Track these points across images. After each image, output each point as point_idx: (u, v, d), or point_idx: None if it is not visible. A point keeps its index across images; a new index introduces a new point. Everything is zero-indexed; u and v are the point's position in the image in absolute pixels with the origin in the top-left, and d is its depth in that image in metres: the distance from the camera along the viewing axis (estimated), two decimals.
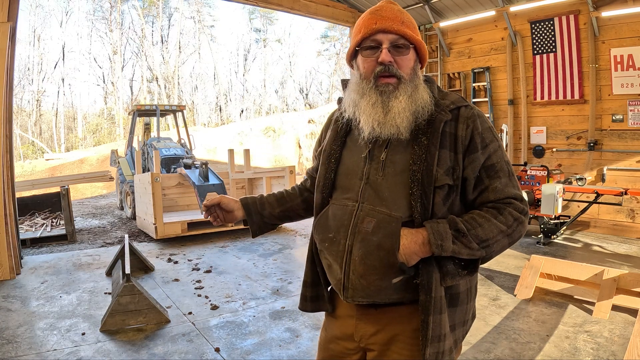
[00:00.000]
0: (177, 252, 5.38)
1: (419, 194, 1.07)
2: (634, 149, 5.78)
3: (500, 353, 2.70)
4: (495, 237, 1.07)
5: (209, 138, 17.55)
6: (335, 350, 1.28)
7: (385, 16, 1.12)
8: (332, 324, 1.30)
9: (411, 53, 1.14)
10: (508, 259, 4.87)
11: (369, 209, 1.11)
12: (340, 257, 1.14)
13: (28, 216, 7.52)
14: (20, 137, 21.85)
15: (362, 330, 1.20)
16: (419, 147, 1.09)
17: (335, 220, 1.17)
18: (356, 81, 1.17)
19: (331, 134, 1.28)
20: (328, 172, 1.23)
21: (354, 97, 1.17)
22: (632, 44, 5.67)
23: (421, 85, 1.15)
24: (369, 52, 1.13)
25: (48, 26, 25.63)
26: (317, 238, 1.24)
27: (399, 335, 1.16)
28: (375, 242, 1.08)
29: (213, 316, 3.38)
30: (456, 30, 7.70)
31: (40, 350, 2.76)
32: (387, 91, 1.11)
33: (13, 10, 4.33)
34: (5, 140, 4.39)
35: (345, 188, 1.19)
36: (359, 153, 1.19)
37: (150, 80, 28.88)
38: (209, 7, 30.25)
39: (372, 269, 1.09)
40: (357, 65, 1.18)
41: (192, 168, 6.98)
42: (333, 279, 1.19)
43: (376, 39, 1.12)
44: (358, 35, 1.15)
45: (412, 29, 1.15)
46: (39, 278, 4.27)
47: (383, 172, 1.13)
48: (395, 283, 1.10)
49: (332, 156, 1.23)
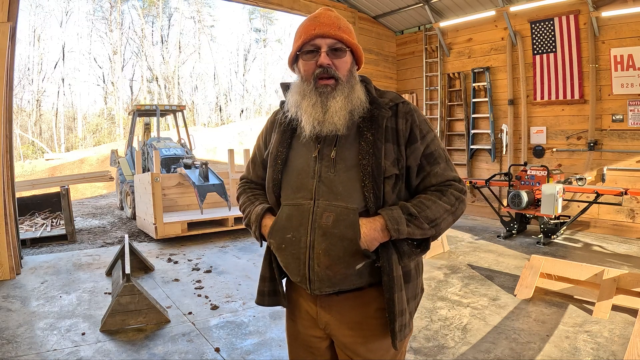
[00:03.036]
0: (177, 252, 5.38)
1: (371, 185, 1.17)
2: (634, 149, 5.78)
3: (500, 353, 2.71)
4: (442, 215, 1.20)
5: (209, 138, 17.55)
6: (305, 339, 1.36)
7: (323, 22, 1.21)
8: (297, 315, 1.37)
9: (348, 56, 1.24)
10: (508, 259, 4.87)
11: (325, 205, 1.19)
12: (302, 254, 1.20)
13: (28, 216, 7.52)
14: (20, 137, 21.85)
15: (325, 318, 1.28)
16: (366, 143, 1.19)
17: (292, 221, 1.22)
18: (298, 83, 1.27)
19: (277, 137, 1.33)
20: (275, 172, 1.29)
21: (296, 98, 1.25)
22: (632, 44, 5.67)
23: (357, 85, 1.25)
24: (309, 55, 1.22)
25: (48, 26, 25.64)
26: (274, 242, 1.27)
27: (361, 319, 1.25)
28: (338, 234, 1.16)
29: (213, 316, 3.38)
30: (456, 30, 7.71)
31: (40, 350, 2.76)
32: (325, 92, 1.20)
33: (13, 10, 4.33)
34: (5, 140, 4.39)
35: (297, 187, 1.24)
36: (308, 153, 1.26)
37: (150, 80, 28.89)
38: (209, 7, 30.27)
39: (336, 259, 1.17)
40: (298, 68, 1.27)
41: (192, 168, 6.98)
42: (296, 276, 1.24)
43: (315, 44, 1.21)
44: (299, 40, 1.23)
45: (349, 33, 1.24)
46: (39, 278, 4.27)
47: (334, 168, 1.21)
48: (359, 269, 1.19)
49: (279, 157, 1.29)
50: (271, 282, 1.35)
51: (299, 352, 1.40)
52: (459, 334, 3.00)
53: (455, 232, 6.30)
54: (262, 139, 1.46)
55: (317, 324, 1.31)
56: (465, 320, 3.23)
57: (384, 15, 8.15)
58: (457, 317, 3.29)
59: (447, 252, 5.20)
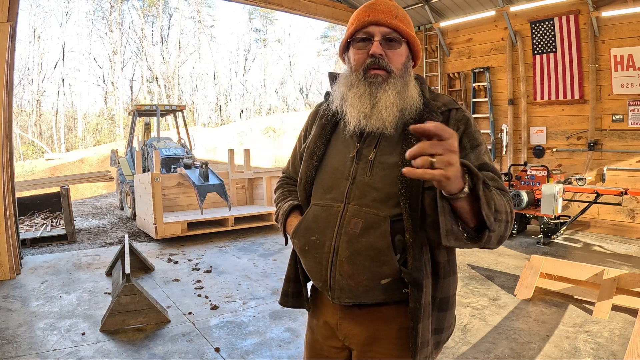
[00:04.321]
0: (177, 252, 5.38)
1: (408, 195, 1.04)
2: (634, 149, 5.78)
3: (500, 353, 2.71)
4: (502, 214, 0.96)
5: (209, 138, 17.57)
6: (323, 349, 1.27)
7: (379, 9, 1.12)
8: (316, 324, 1.29)
9: (403, 48, 1.13)
10: (508, 259, 4.87)
11: (355, 210, 1.09)
12: (325, 259, 1.12)
13: (28, 216, 7.52)
14: (20, 137, 21.85)
15: (345, 329, 1.20)
16: (409, 148, 0.99)
17: (318, 223, 1.15)
18: (346, 74, 1.16)
19: (316, 130, 1.24)
20: (309, 169, 1.20)
21: (342, 90, 1.15)
22: (632, 44, 5.67)
23: (412, 83, 1.14)
24: (361, 44, 1.12)
25: (48, 26, 25.67)
26: (298, 243, 1.19)
27: (382, 335, 1.15)
28: (364, 243, 1.07)
29: (213, 316, 3.38)
30: (456, 30, 7.71)
31: (40, 350, 2.76)
32: (375, 82, 1.09)
33: (13, 10, 4.33)
34: (5, 140, 4.39)
35: (329, 187, 1.16)
36: (345, 152, 1.16)
37: (150, 80, 28.90)
38: (209, 7, 30.29)
39: (361, 269, 1.07)
40: (349, 58, 1.17)
41: (192, 168, 6.98)
42: (318, 281, 1.16)
43: (368, 32, 1.11)
44: (351, 27, 1.14)
45: (406, 24, 1.13)
46: (39, 278, 4.27)
47: (371, 172, 1.10)
48: (386, 284, 1.08)
49: (315, 153, 1.20)
50: (295, 284, 1.28)
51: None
52: (459, 334, 2.99)
53: None
54: (302, 133, 1.36)
55: (336, 334, 1.22)
56: (465, 320, 3.23)
57: None
58: (457, 317, 3.28)
59: None
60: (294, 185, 1.39)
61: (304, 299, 1.28)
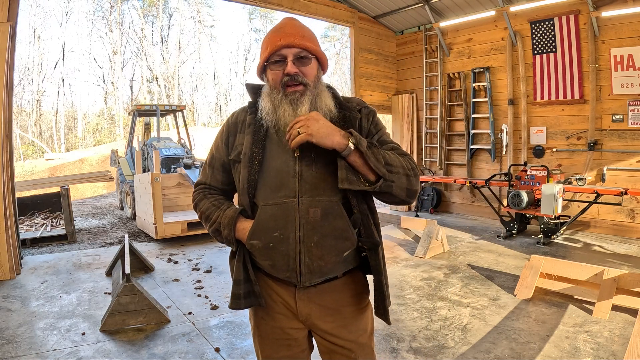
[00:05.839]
0: (177, 252, 5.38)
1: None
2: (634, 149, 5.78)
3: (500, 353, 2.71)
4: (398, 167, 1.25)
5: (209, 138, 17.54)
6: (282, 332, 1.38)
7: (288, 33, 1.28)
8: (274, 311, 1.38)
9: (314, 62, 1.32)
10: (508, 259, 4.87)
11: (309, 201, 1.26)
12: (292, 249, 1.26)
13: (28, 216, 7.52)
14: (20, 137, 21.84)
15: (305, 309, 1.34)
16: None
17: (277, 220, 1.27)
18: (268, 91, 1.33)
19: (248, 138, 1.35)
20: (252, 174, 1.32)
21: (270, 107, 1.32)
22: (632, 44, 5.67)
23: (324, 92, 1.35)
24: (276, 65, 1.29)
25: (48, 26, 25.63)
26: (260, 243, 1.29)
27: (340, 304, 1.35)
28: (327, 226, 1.25)
29: (213, 316, 3.39)
30: (456, 30, 7.71)
31: (40, 350, 2.76)
32: (295, 99, 1.28)
33: (13, 10, 4.33)
34: (5, 140, 4.39)
35: (277, 187, 1.29)
36: (285, 154, 1.31)
37: (150, 80, 28.88)
38: (209, 7, 30.27)
39: (328, 249, 1.26)
40: (267, 77, 1.34)
41: (192, 168, 6.98)
42: (284, 272, 1.29)
43: (281, 54, 1.28)
44: (265, 52, 1.30)
45: (313, 41, 1.32)
46: (39, 278, 4.27)
47: (315, 166, 1.28)
48: (346, 256, 1.30)
49: (255, 159, 1.32)
50: (246, 284, 1.35)
51: (272, 349, 1.41)
52: (459, 334, 3.00)
53: (455, 232, 6.30)
54: (221, 142, 1.44)
55: (296, 316, 1.36)
56: (465, 320, 3.23)
57: (384, 15, 8.15)
58: (457, 317, 3.29)
59: (447, 252, 5.20)
60: (217, 194, 1.47)
61: (257, 296, 1.36)
